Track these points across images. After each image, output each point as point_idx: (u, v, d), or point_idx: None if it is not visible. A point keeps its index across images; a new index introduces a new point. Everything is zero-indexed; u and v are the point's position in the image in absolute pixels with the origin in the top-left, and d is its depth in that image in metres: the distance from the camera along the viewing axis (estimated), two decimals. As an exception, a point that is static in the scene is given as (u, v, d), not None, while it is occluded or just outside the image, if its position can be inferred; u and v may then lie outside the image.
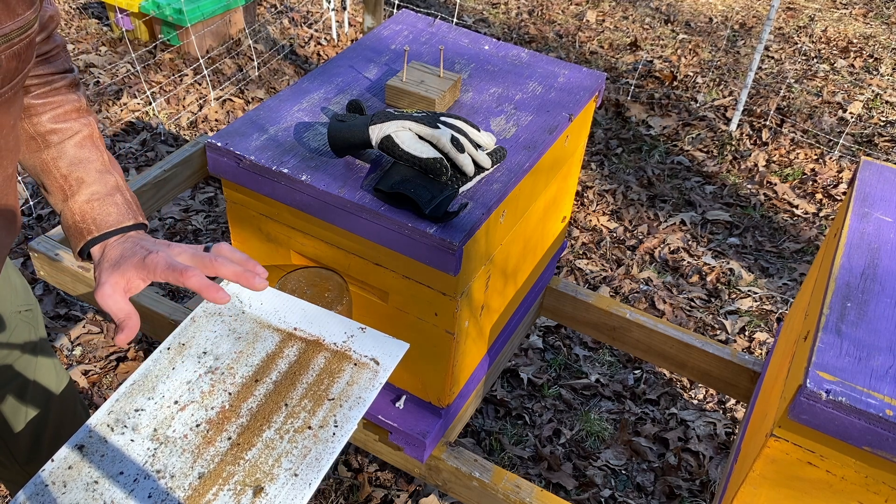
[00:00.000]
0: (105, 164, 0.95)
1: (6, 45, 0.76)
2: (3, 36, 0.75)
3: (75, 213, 0.91)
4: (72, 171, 0.93)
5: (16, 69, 0.79)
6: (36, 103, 0.93)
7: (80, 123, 0.96)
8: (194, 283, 0.81)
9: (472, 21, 4.26)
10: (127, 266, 0.84)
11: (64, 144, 0.93)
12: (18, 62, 0.79)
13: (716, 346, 1.60)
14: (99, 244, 0.90)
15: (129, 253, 0.86)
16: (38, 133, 0.93)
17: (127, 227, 0.92)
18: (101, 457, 0.89)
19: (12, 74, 0.79)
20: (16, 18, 0.75)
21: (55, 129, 0.93)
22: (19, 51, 0.78)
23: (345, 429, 0.93)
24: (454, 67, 1.42)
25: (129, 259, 0.85)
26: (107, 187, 0.93)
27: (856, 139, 3.37)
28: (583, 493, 1.91)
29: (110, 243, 0.89)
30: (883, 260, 1.08)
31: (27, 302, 1.17)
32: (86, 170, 0.93)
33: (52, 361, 1.24)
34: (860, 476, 0.92)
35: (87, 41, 3.67)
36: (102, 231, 0.90)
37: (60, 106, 0.95)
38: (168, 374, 0.99)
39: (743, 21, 4.45)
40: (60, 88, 0.95)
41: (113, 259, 0.86)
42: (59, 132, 0.94)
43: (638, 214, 2.88)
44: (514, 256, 1.35)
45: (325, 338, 1.05)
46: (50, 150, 0.93)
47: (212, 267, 0.85)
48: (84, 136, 0.95)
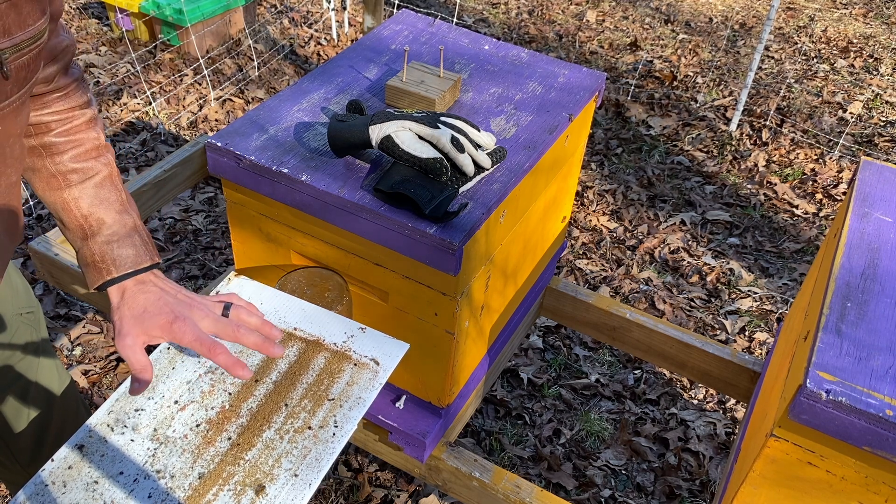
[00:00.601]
0: (123, 204, 0.98)
1: (16, 55, 0.76)
2: (14, 46, 0.75)
3: (95, 252, 0.94)
4: (92, 211, 0.95)
5: (24, 78, 0.80)
6: (57, 142, 0.95)
7: (101, 163, 0.98)
8: (222, 360, 0.88)
9: (472, 21, 4.26)
10: (152, 325, 0.89)
11: (85, 185, 0.95)
12: (27, 72, 0.80)
13: (716, 346, 1.60)
14: (117, 286, 0.93)
15: (153, 309, 0.90)
16: (59, 172, 0.95)
17: (144, 269, 0.95)
18: (101, 457, 0.89)
19: (21, 84, 0.80)
20: (27, 29, 0.76)
21: (76, 168, 0.95)
22: (28, 61, 0.79)
23: (345, 429, 0.93)
24: (454, 67, 1.42)
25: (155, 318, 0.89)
26: (125, 228, 0.96)
27: (856, 139, 3.37)
28: (583, 493, 1.91)
29: (129, 288, 0.93)
30: (883, 260, 1.08)
31: (29, 304, 1.17)
32: (106, 211, 0.96)
33: (54, 362, 1.24)
34: (860, 476, 0.92)
35: (87, 41, 3.67)
36: (121, 272, 0.93)
37: (81, 145, 0.96)
38: (168, 374, 0.99)
39: (743, 21, 4.45)
40: (81, 126, 0.97)
41: (136, 309, 0.91)
42: (81, 172, 0.95)
43: (638, 214, 2.88)
44: (514, 256, 1.35)
45: (325, 338, 1.05)
46: (71, 189, 0.95)
47: (234, 337, 0.91)
48: (104, 177, 0.97)
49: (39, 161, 0.94)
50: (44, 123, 0.94)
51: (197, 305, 0.92)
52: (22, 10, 0.74)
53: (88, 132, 0.97)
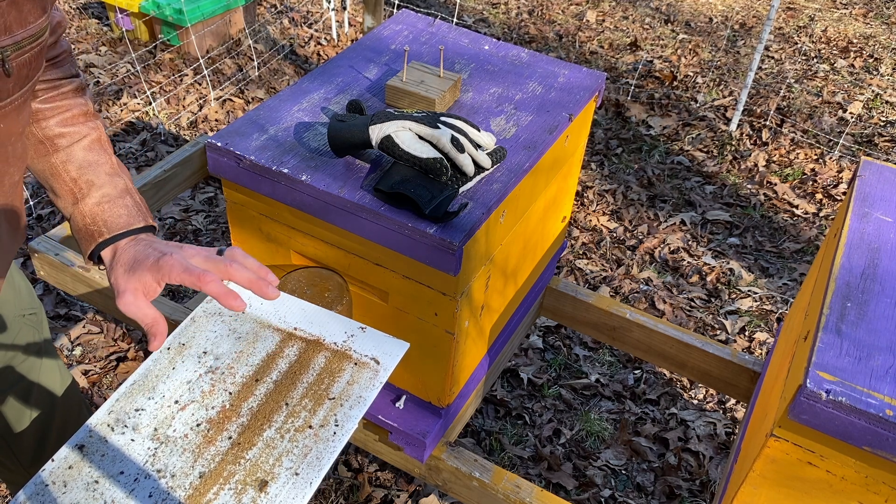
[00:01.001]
0: (114, 167, 0.96)
1: (18, 53, 0.76)
2: (15, 44, 0.75)
3: (86, 215, 0.91)
4: (81, 174, 0.93)
5: (26, 76, 0.80)
6: (44, 107, 0.94)
7: (88, 127, 0.96)
8: (212, 288, 0.81)
9: (472, 21, 4.26)
10: (142, 270, 0.84)
11: (73, 148, 0.94)
12: (29, 70, 0.80)
13: (716, 346, 1.60)
14: (110, 247, 0.90)
15: (142, 256, 0.86)
16: (46, 137, 0.93)
17: (137, 230, 0.92)
18: (101, 456, 0.89)
19: (23, 82, 0.80)
20: (28, 27, 0.76)
21: (63, 132, 0.94)
22: (30, 59, 0.79)
23: (345, 428, 0.93)
24: (454, 67, 1.42)
25: (143, 262, 0.84)
26: (116, 189, 0.94)
27: (856, 139, 3.37)
28: (583, 493, 1.91)
29: (121, 246, 0.89)
30: (883, 260, 1.08)
31: (31, 305, 1.17)
32: (95, 173, 0.94)
33: (56, 363, 1.24)
34: (860, 476, 0.92)
35: (87, 41, 3.67)
36: (113, 233, 0.90)
37: (68, 110, 0.95)
38: (168, 374, 0.99)
39: (743, 21, 4.45)
40: (68, 93, 0.96)
41: (127, 263, 0.86)
42: (68, 136, 0.94)
43: (638, 214, 2.89)
44: (514, 256, 1.35)
45: (326, 337, 1.05)
46: (59, 153, 0.93)
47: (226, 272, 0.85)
48: (92, 140, 0.96)
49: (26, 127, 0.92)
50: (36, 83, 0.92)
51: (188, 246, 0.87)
52: (23, 7, 0.74)
53: (76, 98, 0.96)
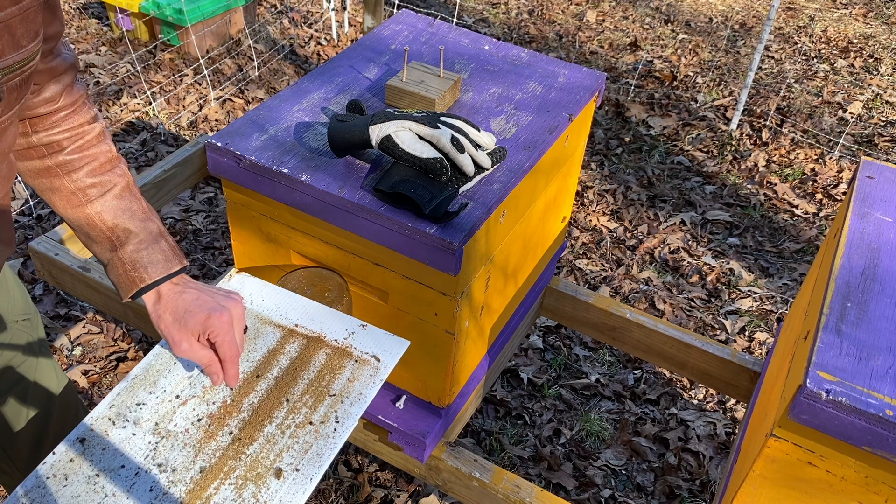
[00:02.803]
0: (146, 212, 0.99)
1: (9, 76, 0.77)
2: (7, 67, 0.75)
3: (126, 262, 0.96)
4: (117, 223, 0.97)
5: (16, 100, 0.81)
6: (71, 159, 0.96)
7: (117, 175, 0.99)
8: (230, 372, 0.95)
9: (472, 21, 4.26)
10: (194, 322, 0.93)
11: (105, 197, 0.97)
12: (18, 93, 0.81)
13: (716, 346, 1.60)
14: (152, 291, 0.96)
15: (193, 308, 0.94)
16: (78, 189, 0.96)
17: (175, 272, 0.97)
18: (102, 450, 0.89)
19: (12, 105, 0.81)
20: (20, 50, 0.76)
21: (94, 182, 0.97)
22: (20, 83, 0.80)
23: (346, 424, 0.93)
24: (454, 67, 1.42)
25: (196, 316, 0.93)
26: (151, 235, 0.98)
27: (856, 139, 3.37)
28: (583, 493, 1.91)
29: (164, 291, 0.96)
30: (883, 260, 1.08)
31: (26, 311, 1.17)
32: (130, 220, 0.97)
33: (53, 366, 1.24)
34: (860, 476, 0.92)
35: (87, 41, 3.67)
36: (154, 279, 0.95)
37: (96, 159, 0.98)
38: (169, 369, 0.99)
39: (743, 21, 4.45)
40: (92, 140, 0.98)
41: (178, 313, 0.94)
42: (99, 185, 0.97)
43: (638, 214, 2.89)
44: (514, 256, 1.35)
45: (327, 334, 1.05)
46: (93, 204, 0.97)
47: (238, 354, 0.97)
48: (122, 188, 0.99)
49: (57, 180, 0.96)
50: (56, 142, 0.95)
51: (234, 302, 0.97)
52: (15, 32, 0.74)
53: (100, 146, 0.99)
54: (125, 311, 1.57)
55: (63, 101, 0.94)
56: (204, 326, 0.92)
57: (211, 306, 0.94)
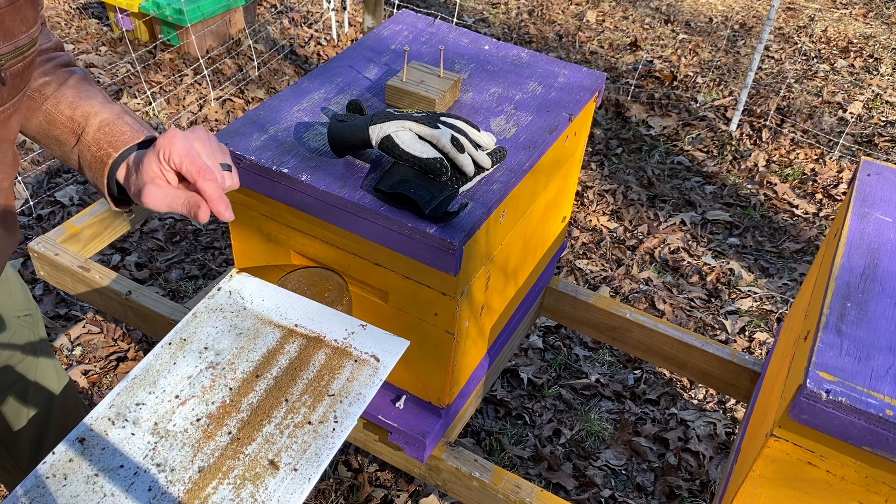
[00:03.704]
0: (106, 97, 0.95)
1: (14, 61, 0.77)
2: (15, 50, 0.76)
3: (90, 145, 0.90)
4: (75, 108, 0.92)
5: (19, 85, 0.81)
6: None
7: (70, 70, 0.96)
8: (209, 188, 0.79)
9: (472, 21, 4.26)
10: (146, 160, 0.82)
11: (60, 90, 0.93)
12: (22, 78, 0.81)
13: (716, 346, 1.60)
14: (122, 165, 0.88)
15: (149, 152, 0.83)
16: (32, 89, 0.92)
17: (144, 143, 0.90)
18: (101, 450, 0.89)
19: (16, 90, 0.81)
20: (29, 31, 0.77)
21: (48, 80, 0.93)
22: (23, 67, 0.80)
23: (345, 424, 0.93)
24: (454, 67, 1.42)
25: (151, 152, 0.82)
26: (114, 113, 0.92)
27: (856, 139, 3.37)
28: (583, 493, 1.91)
29: (131, 161, 0.88)
30: (883, 260, 1.08)
31: (27, 307, 1.17)
32: (89, 103, 0.92)
33: (53, 363, 1.24)
34: (860, 476, 0.92)
35: (87, 41, 3.67)
36: (120, 150, 0.88)
37: (49, 61, 0.95)
38: (169, 369, 0.99)
39: (743, 21, 4.45)
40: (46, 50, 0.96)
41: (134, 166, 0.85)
42: (53, 82, 0.93)
43: (638, 214, 2.89)
44: (514, 256, 1.35)
45: (326, 334, 1.05)
46: (48, 100, 0.92)
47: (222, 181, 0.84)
48: (78, 78, 0.95)
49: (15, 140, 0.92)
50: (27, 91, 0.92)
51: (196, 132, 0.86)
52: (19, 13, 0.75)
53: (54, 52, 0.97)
54: (125, 311, 1.57)
55: None
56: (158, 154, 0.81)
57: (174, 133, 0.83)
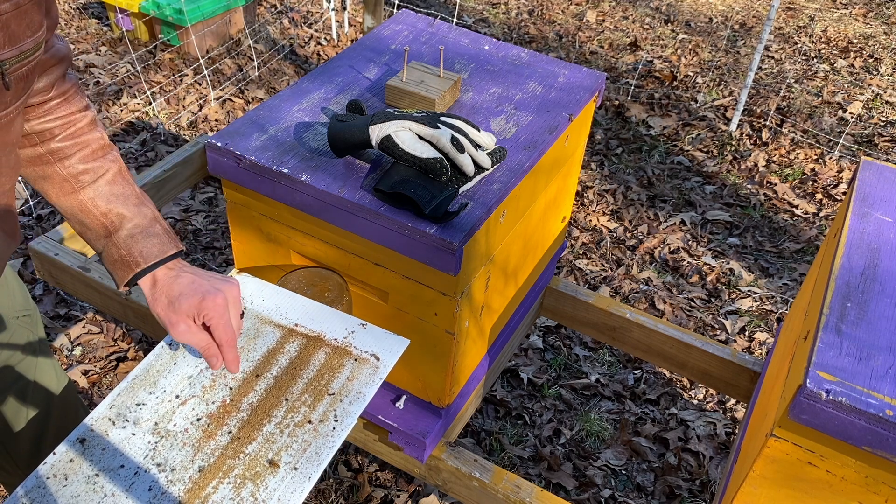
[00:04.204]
0: (139, 197, 0.99)
1: (18, 65, 0.77)
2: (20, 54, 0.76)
3: (120, 248, 0.95)
4: (110, 208, 0.96)
5: (23, 89, 0.82)
6: (63, 146, 0.96)
7: (109, 161, 0.99)
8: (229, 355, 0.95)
9: (472, 21, 4.26)
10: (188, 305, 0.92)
11: (97, 183, 0.97)
12: (26, 83, 0.82)
13: (716, 346, 1.60)
14: (148, 275, 0.95)
15: (188, 292, 0.93)
16: (70, 175, 0.96)
17: (170, 257, 0.97)
18: (102, 450, 0.89)
19: (19, 94, 0.81)
20: (34, 35, 0.77)
21: (86, 169, 0.97)
22: (27, 72, 0.80)
23: (345, 423, 0.93)
24: (454, 67, 1.42)
25: (189, 299, 0.92)
26: (146, 220, 0.97)
27: (856, 139, 3.37)
28: (583, 493, 1.91)
29: (159, 276, 0.95)
30: (883, 260, 1.08)
31: (26, 307, 1.17)
32: (124, 205, 0.97)
33: (53, 365, 1.24)
34: (860, 476, 0.92)
35: (87, 41, 3.67)
36: (150, 263, 0.95)
37: (88, 146, 0.98)
38: (169, 370, 0.99)
39: (743, 21, 4.45)
40: (83, 128, 0.98)
41: (173, 296, 0.93)
42: (91, 172, 0.97)
43: (638, 214, 2.88)
44: (514, 256, 1.35)
45: (326, 334, 1.05)
46: (86, 190, 0.96)
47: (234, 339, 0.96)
48: (115, 173, 0.99)
49: (49, 168, 0.96)
50: (47, 130, 0.95)
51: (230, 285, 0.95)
52: (24, 18, 0.75)
53: (92, 133, 0.99)
54: (125, 311, 1.57)
55: (55, 90, 0.94)
56: (198, 309, 0.92)
57: (206, 289, 0.93)
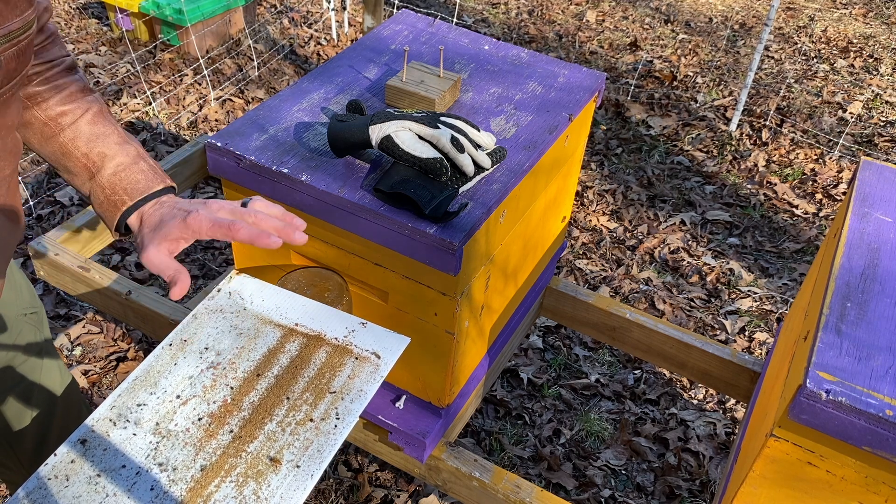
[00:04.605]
0: (122, 136, 0.96)
1: (9, 44, 0.76)
2: (7, 35, 0.75)
3: (105, 187, 0.92)
4: (92, 147, 0.94)
5: (15, 69, 0.80)
6: (41, 90, 0.94)
7: (88, 101, 0.97)
8: (244, 234, 0.84)
9: (472, 21, 4.26)
10: (169, 228, 0.86)
11: (77, 124, 0.94)
12: (17, 63, 0.80)
13: (716, 346, 1.60)
14: (135, 213, 0.91)
15: (168, 216, 0.88)
16: (49, 118, 0.94)
17: (158, 192, 0.93)
18: (103, 451, 0.89)
19: (11, 75, 0.80)
20: (22, 15, 0.76)
21: (65, 110, 0.94)
22: (18, 52, 0.79)
23: (346, 421, 0.93)
24: (454, 67, 1.42)
25: (170, 222, 0.86)
26: (129, 157, 0.94)
27: (856, 139, 3.37)
28: (583, 493, 1.91)
29: (146, 210, 0.91)
30: (883, 260, 1.08)
31: (32, 304, 1.17)
32: (105, 143, 0.94)
33: (57, 363, 1.24)
34: (860, 476, 0.92)
35: (87, 41, 3.67)
36: (135, 199, 0.91)
37: (65, 88, 0.96)
38: (170, 370, 0.99)
39: (743, 21, 4.45)
40: (62, 72, 0.96)
41: (153, 224, 0.88)
42: (70, 113, 0.94)
43: (638, 214, 2.89)
44: (514, 256, 1.35)
45: (327, 333, 1.05)
46: (65, 132, 0.94)
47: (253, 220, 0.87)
48: (95, 113, 0.96)
49: (28, 113, 0.94)
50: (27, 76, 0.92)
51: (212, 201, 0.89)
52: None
53: (70, 77, 0.97)
54: (125, 311, 1.57)
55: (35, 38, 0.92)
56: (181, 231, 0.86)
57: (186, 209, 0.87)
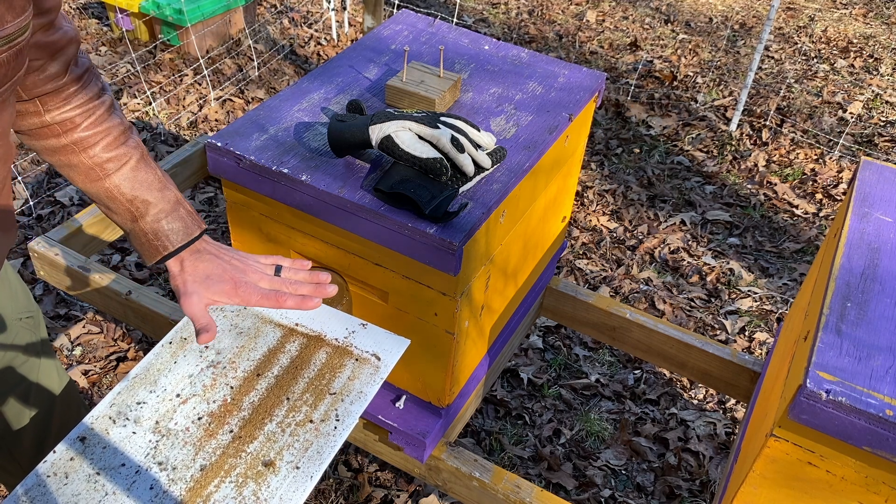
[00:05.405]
0: (161, 182, 1.02)
1: (7, 47, 0.76)
2: (6, 37, 0.75)
3: (147, 232, 1.00)
4: (135, 194, 1.00)
5: (5, 75, 0.80)
6: (86, 136, 0.98)
7: (131, 147, 1.01)
8: (291, 304, 1.01)
9: (472, 21, 4.26)
10: (219, 289, 1.00)
11: (122, 171, 1.00)
12: (9, 69, 0.80)
13: (716, 346, 1.60)
14: (175, 259, 1.01)
15: (216, 276, 1.00)
16: (95, 164, 0.99)
17: (195, 238, 1.02)
18: (102, 449, 0.89)
19: (8, 78, 0.80)
20: (22, 16, 0.76)
21: (110, 157, 0.99)
22: (10, 58, 0.78)
23: (346, 422, 0.93)
24: (454, 67, 1.42)
25: (219, 285, 1.00)
26: (169, 204, 1.01)
27: (856, 139, 3.37)
28: (583, 493, 1.91)
29: (185, 257, 1.01)
30: (883, 260, 1.08)
31: (28, 308, 1.17)
32: (148, 191, 1.01)
33: (54, 364, 1.24)
34: (860, 476, 0.92)
35: (87, 41, 3.67)
36: (176, 246, 1.00)
37: (109, 133, 0.99)
38: (170, 368, 0.99)
39: (743, 21, 4.45)
40: (104, 115, 0.99)
41: (199, 276, 1.00)
42: (115, 160, 0.99)
43: (638, 214, 2.89)
44: (514, 256, 1.35)
45: (327, 333, 1.05)
46: (110, 178, 0.99)
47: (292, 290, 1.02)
48: (137, 160, 1.01)
49: (75, 157, 0.98)
50: (69, 120, 0.96)
51: (251, 268, 1.03)
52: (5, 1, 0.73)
53: (112, 119, 1.00)
54: (125, 311, 1.57)
55: (69, 76, 0.94)
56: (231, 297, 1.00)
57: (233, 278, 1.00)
